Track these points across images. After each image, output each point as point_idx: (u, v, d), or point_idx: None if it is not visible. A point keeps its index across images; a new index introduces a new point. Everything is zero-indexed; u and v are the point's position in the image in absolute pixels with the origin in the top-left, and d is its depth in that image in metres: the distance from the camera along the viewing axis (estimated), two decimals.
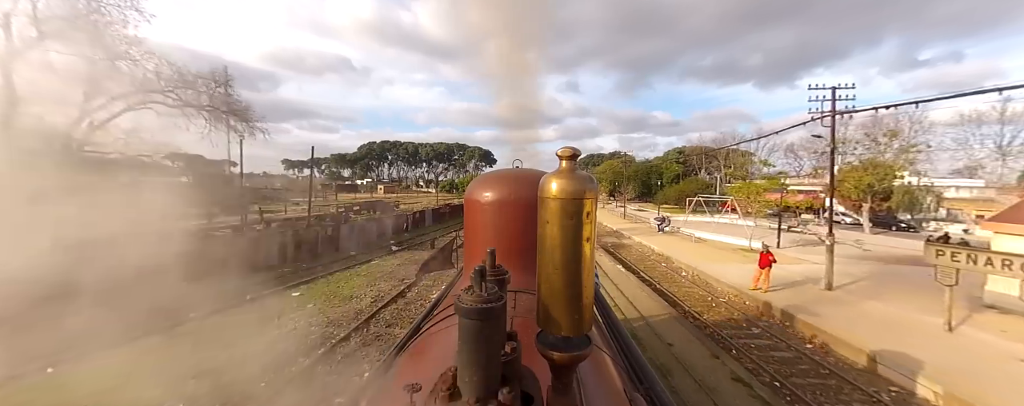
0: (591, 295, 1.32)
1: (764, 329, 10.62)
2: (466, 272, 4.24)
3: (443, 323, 2.71)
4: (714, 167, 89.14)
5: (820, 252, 18.70)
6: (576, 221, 1.24)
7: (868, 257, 19.88)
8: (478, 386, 1.12)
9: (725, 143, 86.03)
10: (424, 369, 2.01)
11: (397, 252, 21.87)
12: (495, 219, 3.66)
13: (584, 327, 1.31)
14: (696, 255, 20.35)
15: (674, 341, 9.84)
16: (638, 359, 3.14)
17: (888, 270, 16.69)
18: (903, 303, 11.75)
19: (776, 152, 71.56)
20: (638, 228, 33.50)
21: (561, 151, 1.30)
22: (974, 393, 6.84)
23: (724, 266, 17.29)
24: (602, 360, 2.35)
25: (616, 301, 12.75)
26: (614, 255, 21.92)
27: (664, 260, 20.47)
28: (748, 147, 75.51)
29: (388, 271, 16.84)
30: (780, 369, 8.36)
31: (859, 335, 9.36)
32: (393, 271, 16.86)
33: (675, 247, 23.10)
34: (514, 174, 3.90)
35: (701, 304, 12.78)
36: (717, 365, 8.61)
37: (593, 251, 1.30)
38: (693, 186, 52.28)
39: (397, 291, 13.67)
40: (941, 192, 42.05)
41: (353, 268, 17.43)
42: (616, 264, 19.43)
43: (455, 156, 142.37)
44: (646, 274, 17.12)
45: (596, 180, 1.37)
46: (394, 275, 16.13)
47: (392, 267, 17.75)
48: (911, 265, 16.99)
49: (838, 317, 10.68)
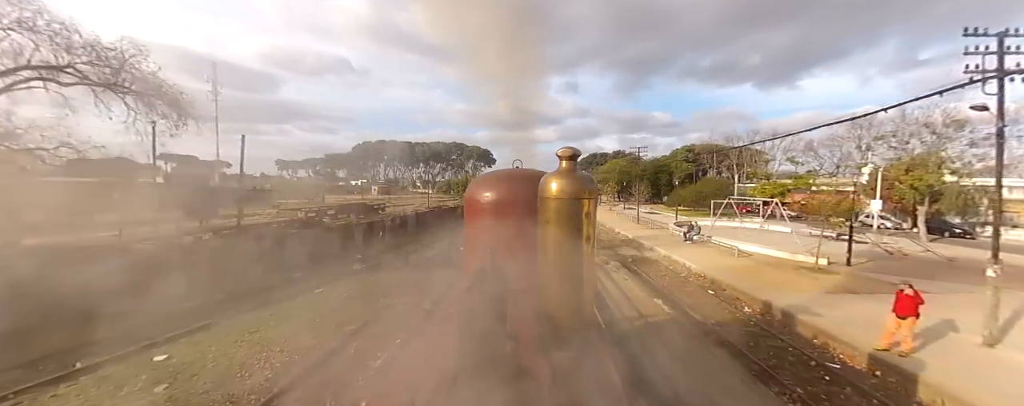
0: (591, 295, 1.05)
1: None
2: (466, 272, 4.14)
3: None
4: (726, 166, 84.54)
5: (902, 271, 13.84)
6: (576, 221, 1.30)
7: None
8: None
9: (738, 141, 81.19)
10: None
11: (360, 272, 16.98)
12: (495, 219, 3.58)
13: (584, 327, 1.01)
14: (750, 277, 15.41)
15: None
16: (638, 359, 3.40)
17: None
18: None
19: (791, 152, 66.61)
20: (658, 236, 28.53)
21: (561, 151, 1.39)
22: None
23: (800, 297, 12.36)
24: (602, 360, 2.33)
25: (666, 368, 7.82)
26: (638, 274, 16.97)
27: (709, 284, 15.51)
28: (761, 145, 70.59)
29: (326, 312, 11.81)
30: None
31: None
32: (336, 310, 11.88)
33: (715, 263, 18.15)
34: (514, 174, 3.92)
35: (814, 382, 7.83)
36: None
37: (593, 250, 1.03)
38: (711, 186, 47.26)
39: (312, 360, 8.71)
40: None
41: (276, 304, 12.34)
42: (646, 291, 14.47)
43: (453, 156, 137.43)
44: (695, 311, 12.16)
45: (596, 180, 0.96)
46: (327, 321, 10.86)
47: (339, 301, 12.82)
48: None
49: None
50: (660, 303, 12.99)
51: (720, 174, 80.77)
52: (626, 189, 63.00)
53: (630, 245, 25.77)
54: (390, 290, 13.85)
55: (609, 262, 19.44)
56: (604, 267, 18.28)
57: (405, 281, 15.14)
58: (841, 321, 10.17)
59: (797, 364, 8.56)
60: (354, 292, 13.82)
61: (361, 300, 12.73)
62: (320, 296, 13.37)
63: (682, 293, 14.32)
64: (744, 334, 10.14)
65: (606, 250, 23.50)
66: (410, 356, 4.57)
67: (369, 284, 14.91)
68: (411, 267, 17.89)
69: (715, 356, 8.83)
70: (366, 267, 17.73)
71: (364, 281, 15.34)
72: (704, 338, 9.96)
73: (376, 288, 14.30)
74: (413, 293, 13.17)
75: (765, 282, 14.64)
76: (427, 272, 16.40)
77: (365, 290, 14.05)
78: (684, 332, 10.36)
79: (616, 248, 24.39)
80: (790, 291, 13.24)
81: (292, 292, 13.52)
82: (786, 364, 8.55)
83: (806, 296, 12.57)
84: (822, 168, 61.12)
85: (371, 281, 15.33)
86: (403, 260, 18.92)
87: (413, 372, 2.58)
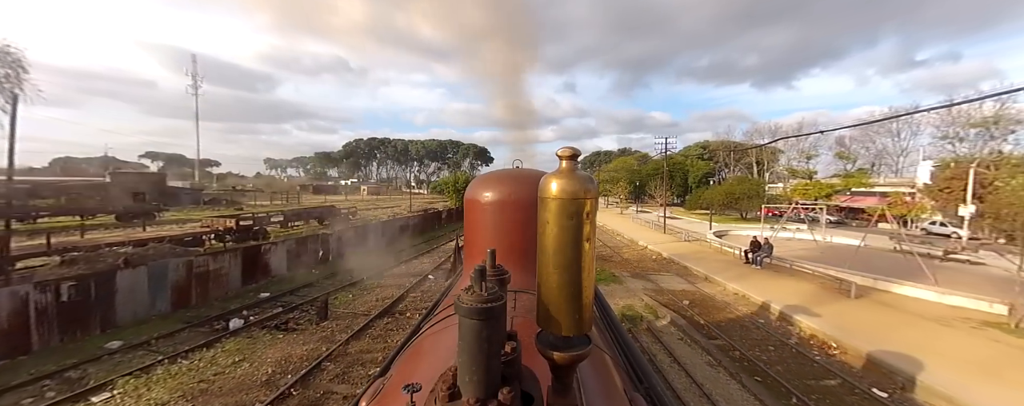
0: (591, 295, 1.29)
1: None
2: (466, 272, 4.21)
3: (443, 323, 2.70)
4: (744, 164, 77.37)
5: None
6: (576, 221, 1.21)
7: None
8: (479, 386, 1.08)
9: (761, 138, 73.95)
10: (424, 369, 2.05)
11: (236, 333, 9.65)
12: (495, 219, 3.65)
13: (584, 327, 1.28)
14: (950, 357, 8.10)
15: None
16: (638, 359, 3.11)
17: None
18: None
19: (808, 151, 59.07)
20: (702, 254, 21.13)
21: (561, 151, 1.26)
22: None
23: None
24: (602, 360, 2.37)
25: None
26: (730, 353, 9.66)
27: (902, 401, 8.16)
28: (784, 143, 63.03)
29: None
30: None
31: None
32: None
33: (852, 322, 10.81)
34: (514, 174, 3.89)
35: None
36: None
37: (593, 251, 1.26)
38: (744, 187, 39.82)
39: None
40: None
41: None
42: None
43: (449, 154, 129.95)
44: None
45: (604, 181, 1.58)
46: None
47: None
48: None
49: None
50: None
51: (739, 172, 73.60)
52: (639, 190, 55.53)
53: (669, 268, 18.39)
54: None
55: (659, 313, 12.10)
56: (653, 325, 10.95)
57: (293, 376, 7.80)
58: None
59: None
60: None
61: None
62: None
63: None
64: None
65: (637, 278, 16.15)
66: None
67: (216, 388, 7.56)
68: (325, 337, 10.58)
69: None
70: (257, 325, 10.37)
71: (212, 382, 7.97)
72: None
73: (234, 397, 6.98)
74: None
75: (970, 367, 7.30)
76: (352, 351, 9.11)
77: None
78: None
79: (650, 275, 17.02)
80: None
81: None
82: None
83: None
84: (854, 166, 53.80)
85: (227, 383, 7.97)
86: (322, 307, 11.54)
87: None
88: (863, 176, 39.78)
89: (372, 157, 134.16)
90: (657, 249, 22.88)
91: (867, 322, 10.59)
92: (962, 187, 32.63)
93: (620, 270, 17.88)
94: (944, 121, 55.58)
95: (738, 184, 40.55)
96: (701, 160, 73.76)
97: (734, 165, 77.90)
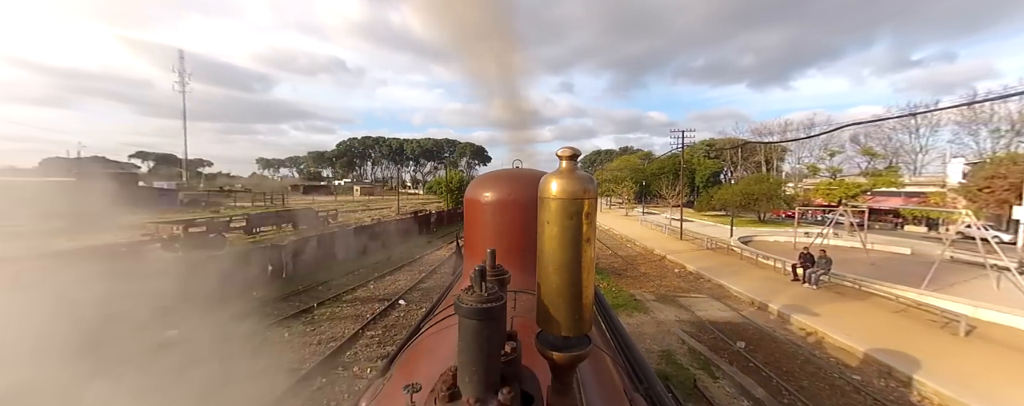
0: (591, 295, 1.29)
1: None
2: (466, 272, 4.21)
3: (443, 323, 2.70)
4: (754, 163, 74.22)
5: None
6: (576, 221, 1.20)
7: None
8: (478, 386, 1.09)
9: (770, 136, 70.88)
10: (424, 369, 2.03)
11: None
12: (495, 219, 3.61)
13: (584, 327, 1.28)
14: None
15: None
16: (638, 359, 3.07)
17: None
18: None
19: (840, 146, 55.79)
20: (730, 265, 17.73)
21: (561, 151, 1.25)
22: None
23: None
24: (602, 360, 2.34)
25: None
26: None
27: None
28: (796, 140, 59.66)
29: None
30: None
31: None
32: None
33: (1006, 385, 7.45)
34: (514, 174, 3.83)
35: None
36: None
37: (593, 251, 1.25)
38: (763, 186, 36.47)
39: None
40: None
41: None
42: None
43: (445, 154, 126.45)
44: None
45: (607, 180, 1.41)
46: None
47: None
48: None
49: None
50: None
51: (746, 172, 70.42)
52: (645, 189, 52.19)
53: (699, 287, 14.98)
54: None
55: (710, 363, 8.75)
56: (705, 387, 7.57)
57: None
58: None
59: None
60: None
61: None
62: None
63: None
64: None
65: (664, 304, 12.77)
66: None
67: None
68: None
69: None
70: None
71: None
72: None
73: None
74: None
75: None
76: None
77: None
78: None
79: (678, 297, 13.63)
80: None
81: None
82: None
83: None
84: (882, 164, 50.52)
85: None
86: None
87: None
88: (893, 175, 36.35)
89: (367, 156, 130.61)
90: (678, 260, 19.50)
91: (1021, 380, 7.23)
92: (1005, 187, 29.38)
93: (640, 289, 14.50)
94: (965, 117, 52.33)
95: (756, 183, 37.17)
96: (708, 159, 70.41)
97: (741, 163, 74.66)
